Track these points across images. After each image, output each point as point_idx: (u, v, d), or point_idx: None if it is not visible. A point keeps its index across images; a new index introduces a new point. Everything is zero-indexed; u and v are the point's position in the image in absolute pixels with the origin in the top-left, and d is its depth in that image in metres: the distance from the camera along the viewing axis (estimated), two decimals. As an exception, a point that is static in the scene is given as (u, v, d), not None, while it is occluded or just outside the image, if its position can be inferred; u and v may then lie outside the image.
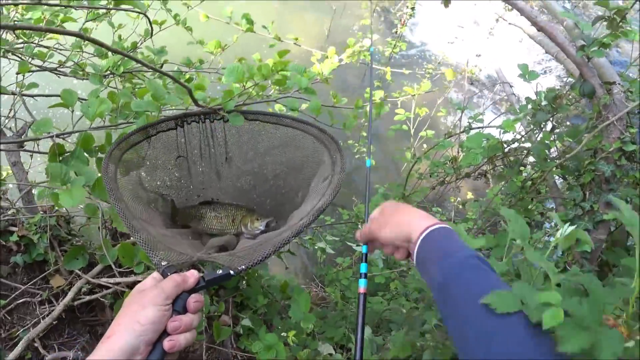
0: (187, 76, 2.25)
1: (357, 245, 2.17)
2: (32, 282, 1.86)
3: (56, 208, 2.17)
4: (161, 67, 2.12)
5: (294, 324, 1.95)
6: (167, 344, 0.79)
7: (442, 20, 7.12)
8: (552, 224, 2.32)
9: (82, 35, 1.28)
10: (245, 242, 1.33)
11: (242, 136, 1.55)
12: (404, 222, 0.95)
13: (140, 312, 0.79)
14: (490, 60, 6.27)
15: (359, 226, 2.78)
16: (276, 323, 2.14)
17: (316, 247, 2.86)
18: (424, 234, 0.90)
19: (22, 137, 2.04)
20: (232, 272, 0.92)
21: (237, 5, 2.66)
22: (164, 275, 0.88)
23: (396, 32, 6.11)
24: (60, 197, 1.19)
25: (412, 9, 5.37)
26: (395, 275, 2.83)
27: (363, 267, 1.05)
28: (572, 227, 0.97)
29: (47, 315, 1.80)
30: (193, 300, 0.85)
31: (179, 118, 1.47)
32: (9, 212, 2.00)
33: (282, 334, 1.86)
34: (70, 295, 1.86)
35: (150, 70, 1.80)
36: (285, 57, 1.70)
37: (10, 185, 2.34)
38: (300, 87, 1.72)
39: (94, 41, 1.32)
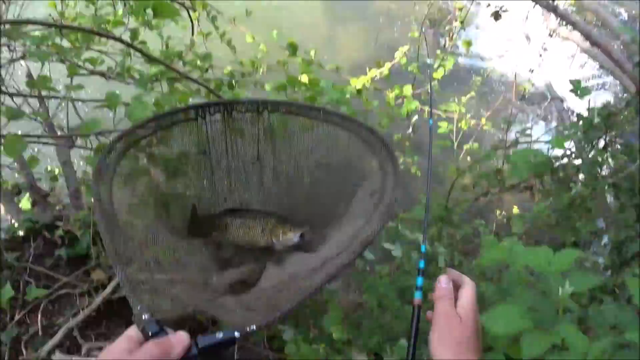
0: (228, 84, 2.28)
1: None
2: (74, 274, 1.92)
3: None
4: (206, 71, 2.17)
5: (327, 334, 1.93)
6: None
7: (492, 34, 6.99)
8: (602, 243, 2.20)
9: (127, 43, 1.32)
10: (270, 274, 1.12)
11: (275, 132, 1.34)
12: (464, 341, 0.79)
13: None
14: (542, 75, 6.09)
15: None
16: (317, 324, 2.10)
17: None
18: None
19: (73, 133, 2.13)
20: (237, 334, 0.68)
21: (284, 18, 2.71)
22: (145, 334, 0.66)
23: (444, 46, 6.04)
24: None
25: (462, 22, 5.28)
26: (432, 285, 2.76)
27: (419, 281, 0.95)
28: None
29: (87, 307, 1.85)
30: None
31: (200, 107, 1.27)
32: (57, 208, 2.08)
33: (313, 346, 1.85)
34: (109, 289, 1.91)
35: (191, 80, 1.83)
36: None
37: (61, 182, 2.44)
38: (332, 100, 1.70)
39: (138, 50, 1.36)
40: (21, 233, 1.91)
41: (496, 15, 4.58)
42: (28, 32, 1.74)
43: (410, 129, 3.97)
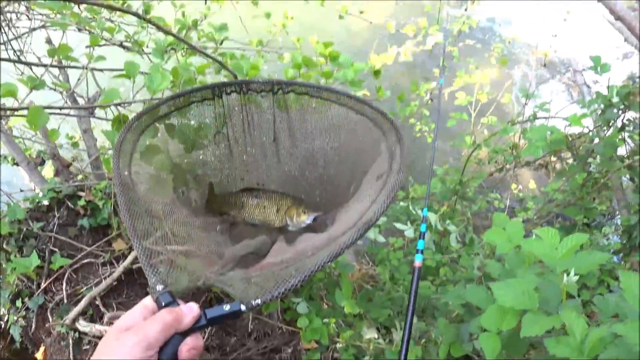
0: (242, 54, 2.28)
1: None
2: (96, 244, 1.99)
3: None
4: (221, 43, 2.16)
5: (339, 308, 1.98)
6: None
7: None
8: (613, 227, 2.21)
9: (141, 16, 1.33)
10: (278, 250, 1.17)
11: (290, 112, 1.37)
12: None
13: None
14: (566, 43, 5.90)
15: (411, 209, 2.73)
16: (329, 298, 2.15)
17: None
18: None
19: (93, 104, 2.16)
20: (243, 307, 0.74)
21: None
22: (159, 304, 0.73)
23: (466, 9, 5.87)
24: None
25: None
26: (446, 260, 2.80)
27: (420, 244, 1.06)
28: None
29: (109, 276, 1.93)
30: (187, 347, 0.68)
31: (217, 87, 1.30)
32: (78, 178, 2.14)
33: (324, 320, 1.90)
34: (129, 258, 1.98)
35: (204, 55, 1.85)
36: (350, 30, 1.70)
37: (85, 156, 2.48)
38: (347, 80, 1.72)
39: (149, 21, 1.37)
40: (45, 202, 1.97)
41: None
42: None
43: (428, 96, 3.93)
